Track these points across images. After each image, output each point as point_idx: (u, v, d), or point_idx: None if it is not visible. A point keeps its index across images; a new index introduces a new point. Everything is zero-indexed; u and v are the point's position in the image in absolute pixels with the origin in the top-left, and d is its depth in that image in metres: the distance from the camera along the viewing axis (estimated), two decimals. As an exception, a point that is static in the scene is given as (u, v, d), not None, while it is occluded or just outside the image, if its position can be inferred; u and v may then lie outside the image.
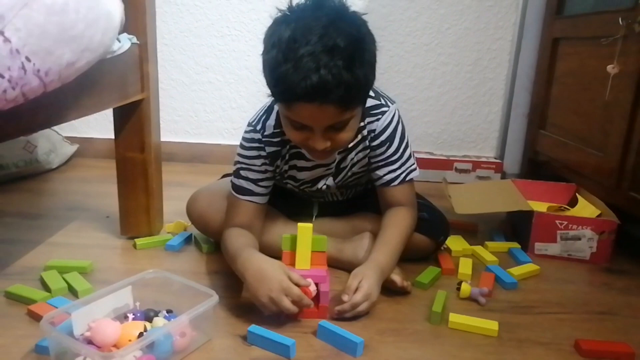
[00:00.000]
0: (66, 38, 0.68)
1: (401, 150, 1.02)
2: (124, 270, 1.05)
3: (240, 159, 1.02)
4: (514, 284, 1.05)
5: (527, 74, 1.82)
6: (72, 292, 0.94)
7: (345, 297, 0.85)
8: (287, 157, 1.02)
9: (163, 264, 1.08)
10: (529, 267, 1.12)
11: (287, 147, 1.00)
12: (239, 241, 0.95)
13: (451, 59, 1.91)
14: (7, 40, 0.59)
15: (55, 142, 1.79)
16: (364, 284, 0.86)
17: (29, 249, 1.12)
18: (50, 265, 1.02)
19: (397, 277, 0.95)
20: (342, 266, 1.07)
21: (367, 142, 1.01)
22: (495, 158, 1.97)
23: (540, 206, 1.33)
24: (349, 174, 1.06)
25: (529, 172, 1.81)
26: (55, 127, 1.84)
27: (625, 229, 1.21)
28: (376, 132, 1.00)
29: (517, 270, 1.09)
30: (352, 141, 0.98)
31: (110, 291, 0.80)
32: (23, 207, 1.40)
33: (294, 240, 0.91)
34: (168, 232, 1.24)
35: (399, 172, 1.02)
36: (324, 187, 1.07)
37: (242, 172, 1.01)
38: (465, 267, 1.10)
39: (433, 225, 1.10)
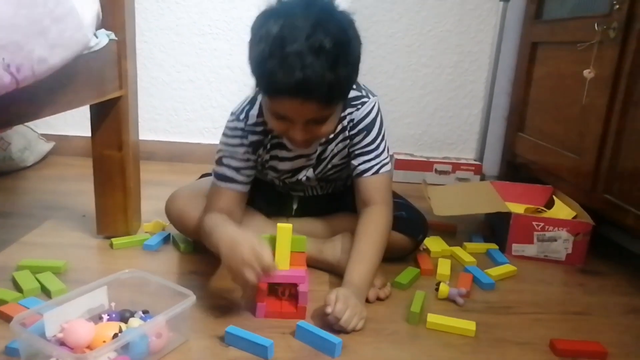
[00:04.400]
0: (34, 32, 0.67)
1: (377, 141, 1.04)
2: (99, 270, 1.03)
3: (223, 147, 1.02)
4: (492, 284, 1.06)
5: (507, 77, 1.84)
6: (46, 292, 0.92)
7: (328, 309, 0.83)
8: (268, 146, 1.03)
9: (140, 264, 1.07)
10: (506, 268, 1.13)
11: (269, 136, 1.02)
12: (217, 220, 0.95)
13: (432, 61, 1.92)
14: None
15: (30, 139, 1.75)
16: (340, 295, 0.85)
17: (0, 249, 1.09)
18: (23, 265, 0.99)
19: (371, 292, 0.95)
20: (321, 266, 1.07)
21: (347, 132, 1.03)
22: (475, 160, 1.99)
23: (517, 208, 1.35)
24: (329, 165, 1.07)
25: (507, 174, 1.84)
26: (30, 124, 1.80)
27: (599, 230, 1.24)
28: (355, 121, 1.02)
29: (495, 271, 1.11)
30: (332, 133, 0.99)
31: (85, 291, 0.78)
32: (-4, 206, 1.37)
33: (273, 240, 0.91)
34: (146, 232, 1.22)
35: (373, 162, 1.03)
36: (304, 178, 1.08)
37: (224, 160, 1.02)
38: (443, 267, 1.10)
39: (412, 224, 1.11)
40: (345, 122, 1.02)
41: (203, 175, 1.22)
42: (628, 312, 1.01)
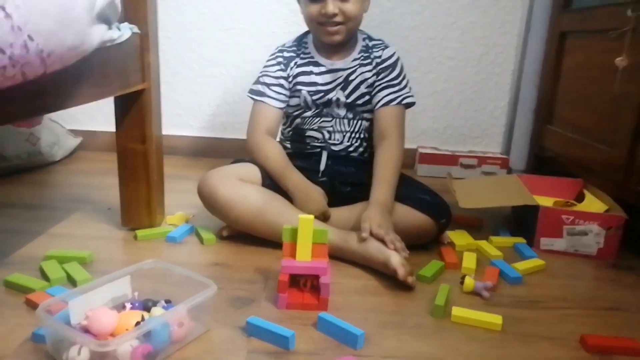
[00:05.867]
0: (67, 20, 0.67)
1: (401, 77, 1.25)
2: (123, 261, 1.04)
3: (263, 70, 1.26)
4: (519, 278, 1.03)
5: (534, 69, 1.79)
6: (71, 281, 0.93)
7: (364, 234, 1.00)
8: (298, 62, 1.24)
9: (163, 255, 1.08)
10: (534, 262, 1.10)
11: (300, 55, 1.25)
12: (279, 155, 1.19)
13: (457, 53, 1.89)
14: (8, 16, 0.57)
15: (59, 134, 1.79)
16: (372, 223, 1.01)
17: (29, 240, 1.11)
18: (50, 255, 1.01)
19: (400, 270, 0.94)
20: (346, 256, 1.06)
21: (374, 64, 1.24)
22: (501, 154, 1.95)
23: (546, 201, 1.31)
24: (358, 91, 1.23)
25: (535, 168, 1.79)
26: (59, 120, 1.84)
27: (632, 224, 1.19)
28: (382, 58, 1.24)
29: (522, 265, 1.08)
30: (357, 16, 1.17)
31: (109, 280, 0.79)
32: (25, 199, 1.40)
33: (294, 232, 0.90)
34: (169, 224, 1.23)
35: (397, 94, 1.22)
36: (335, 98, 1.23)
37: (260, 79, 1.25)
38: (469, 261, 1.08)
39: (435, 207, 1.14)
40: (371, 51, 1.24)
41: (236, 161, 1.24)
42: (663, 308, 0.97)
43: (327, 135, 1.25)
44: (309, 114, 1.25)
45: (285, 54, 1.25)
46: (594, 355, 0.80)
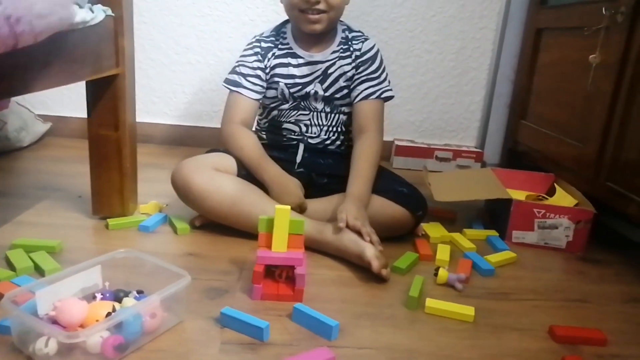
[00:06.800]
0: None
1: (380, 71, 1.24)
2: (94, 251, 1.02)
3: (239, 59, 1.23)
4: (491, 270, 1.05)
5: (510, 64, 1.82)
6: (39, 271, 0.90)
7: (341, 224, 0.99)
8: (276, 53, 1.22)
9: (136, 244, 1.05)
10: (506, 255, 1.12)
11: (278, 46, 1.22)
12: (254, 146, 1.16)
13: (435, 47, 1.90)
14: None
15: (27, 119, 1.73)
16: (348, 215, 1.01)
17: (-5, 228, 1.08)
18: (17, 244, 0.98)
19: (375, 262, 0.94)
20: (322, 248, 1.06)
21: (353, 57, 1.22)
22: (476, 147, 1.97)
23: (519, 195, 1.33)
24: (336, 85, 1.22)
25: (509, 162, 1.82)
26: (27, 104, 1.78)
27: (600, 219, 1.22)
28: (362, 51, 1.23)
29: (495, 258, 1.10)
30: (339, 6, 1.15)
31: (78, 270, 0.77)
32: (-9, 185, 1.35)
33: (270, 222, 0.89)
34: (142, 213, 1.20)
35: (376, 88, 1.22)
36: (313, 92, 1.21)
37: (237, 69, 1.22)
38: (443, 253, 1.09)
39: (412, 199, 1.14)
40: (350, 43, 1.23)
41: (210, 150, 1.23)
42: (628, 300, 1.00)
43: (304, 129, 1.24)
44: (286, 106, 1.24)
45: (263, 44, 1.22)
46: (561, 345, 0.82)
